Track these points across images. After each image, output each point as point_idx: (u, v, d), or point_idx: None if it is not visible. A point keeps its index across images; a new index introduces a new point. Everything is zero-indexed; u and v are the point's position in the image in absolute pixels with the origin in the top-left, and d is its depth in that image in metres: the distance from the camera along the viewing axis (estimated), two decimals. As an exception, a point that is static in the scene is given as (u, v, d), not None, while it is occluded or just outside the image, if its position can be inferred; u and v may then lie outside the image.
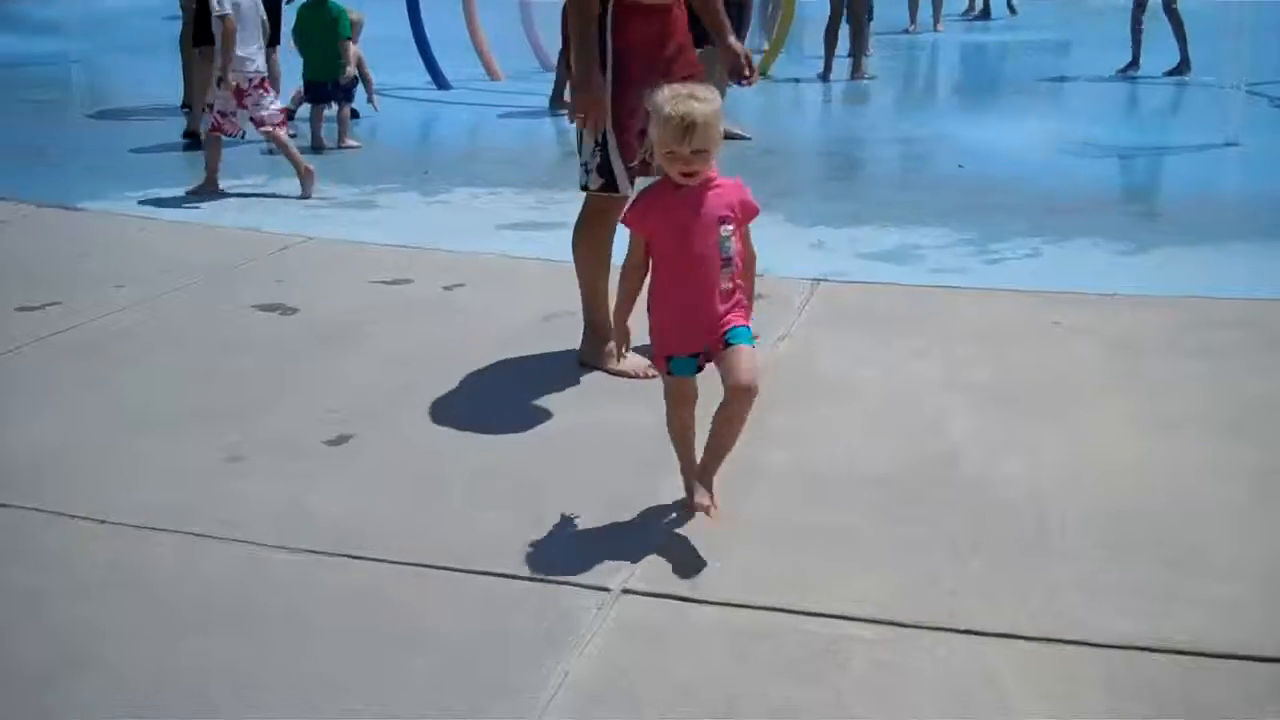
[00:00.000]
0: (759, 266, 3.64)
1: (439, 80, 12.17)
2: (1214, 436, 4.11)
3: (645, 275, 3.53)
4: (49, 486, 3.85)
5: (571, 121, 4.57)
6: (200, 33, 9.00)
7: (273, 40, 9.28)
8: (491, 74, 12.74)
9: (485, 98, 11.75)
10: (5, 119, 10.85)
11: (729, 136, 8.53)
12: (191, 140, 9.20)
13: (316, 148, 9.37)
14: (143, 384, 4.68)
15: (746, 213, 3.51)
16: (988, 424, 4.23)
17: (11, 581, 3.32)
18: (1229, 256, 6.30)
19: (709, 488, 3.59)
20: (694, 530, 3.54)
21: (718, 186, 3.46)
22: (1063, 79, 12.67)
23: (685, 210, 3.42)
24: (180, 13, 9.97)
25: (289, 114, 10.19)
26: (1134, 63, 12.84)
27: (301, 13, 9.59)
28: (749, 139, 9.01)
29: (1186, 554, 3.38)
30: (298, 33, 9.56)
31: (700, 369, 3.56)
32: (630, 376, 4.51)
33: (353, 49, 9.58)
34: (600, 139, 4.53)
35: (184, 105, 9.84)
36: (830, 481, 3.82)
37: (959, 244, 6.53)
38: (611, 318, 3.76)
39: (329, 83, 9.51)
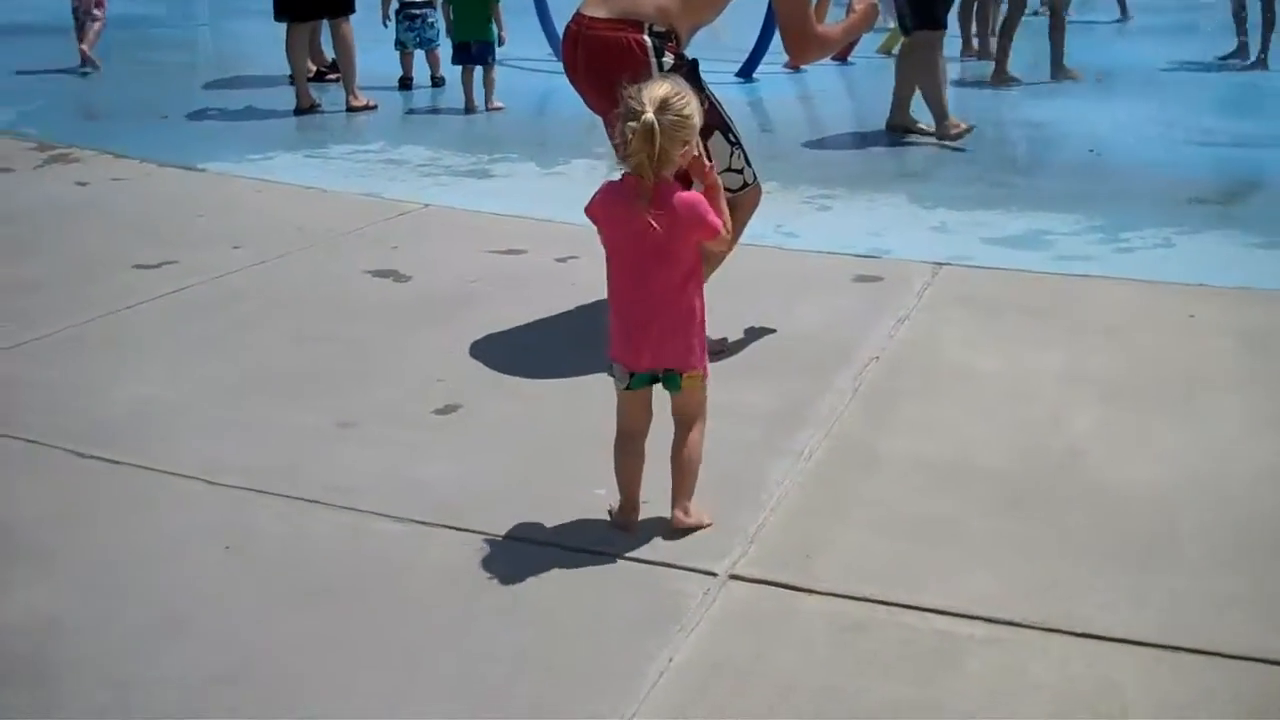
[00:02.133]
0: (877, 245, 3.51)
1: (558, 49, 12.09)
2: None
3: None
4: (157, 445, 3.86)
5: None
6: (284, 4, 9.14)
7: (344, 8, 9.34)
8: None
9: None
10: (125, 80, 11.02)
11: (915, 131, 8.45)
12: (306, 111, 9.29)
13: (469, 109, 9.46)
14: (255, 346, 4.69)
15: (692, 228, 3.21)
16: (1114, 419, 4.07)
17: (119, 539, 3.33)
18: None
19: (685, 510, 3.35)
20: (804, 515, 3.45)
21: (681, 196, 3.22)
22: (1184, 66, 12.26)
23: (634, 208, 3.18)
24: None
25: (436, 80, 10.32)
26: (1241, 50, 12.38)
27: None
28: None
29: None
30: None
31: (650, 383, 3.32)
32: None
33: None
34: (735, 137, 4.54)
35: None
36: (948, 473, 3.70)
37: (1088, 231, 6.32)
38: None
39: (474, 44, 9.52)
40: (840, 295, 5.22)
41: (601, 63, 4.51)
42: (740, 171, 4.55)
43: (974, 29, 12.36)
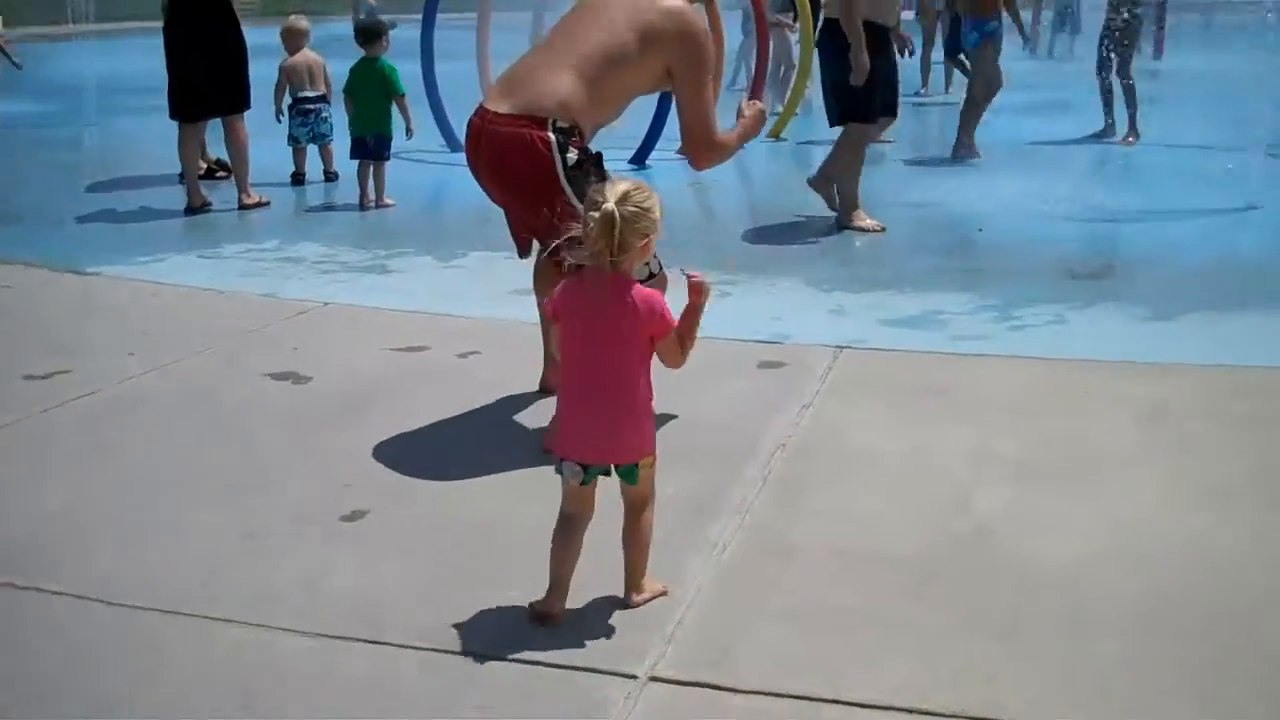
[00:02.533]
0: (779, 330, 3.57)
1: (452, 142, 12.13)
2: (1260, 509, 4.01)
3: None
4: (62, 565, 3.73)
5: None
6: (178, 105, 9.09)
7: (238, 105, 9.29)
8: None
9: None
10: (11, 182, 10.82)
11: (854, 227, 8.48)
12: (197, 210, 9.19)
13: (364, 205, 9.41)
14: (156, 456, 4.58)
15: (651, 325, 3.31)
16: (1021, 498, 4.13)
17: (19, 668, 3.21)
18: (1256, 323, 6.19)
19: (639, 588, 3.45)
20: (722, 609, 3.44)
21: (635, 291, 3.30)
22: (1068, 142, 12.60)
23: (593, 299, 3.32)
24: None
25: (330, 176, 10.26)
26: (1108, 128, 12.79)
27: (354, 68, 9.59)
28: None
29: (1239, 635, 3.27)
30: (348, 89, 9.55)
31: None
32: None
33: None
34: None
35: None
36: (862, 559, 3.71)
37: (981, 310, 6.44)
38: None
39: (372, 138, 9.48)
40: (745, 381, 5.25)
41: (503, 158, 4.53)
42: (646, 262, 4.55)
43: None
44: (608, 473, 3.34)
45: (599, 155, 4.57)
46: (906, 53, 10.40)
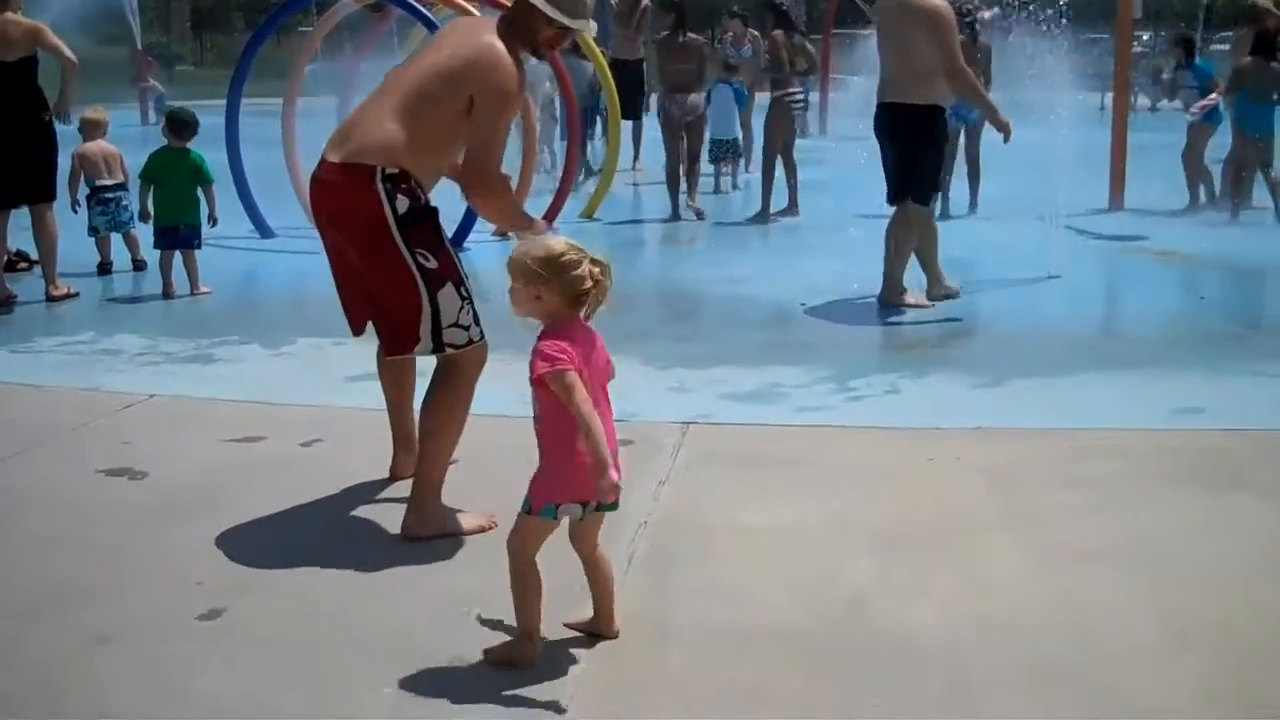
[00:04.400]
0: (623, 409, 3.69)
1: (262, 228, 11.90)
2: (1113, 571, 4.12)
3: None
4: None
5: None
6: None
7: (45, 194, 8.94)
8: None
9: (309, 245, 11.45)
10: None
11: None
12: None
13: (167, 294, 9.10)
14: (-13, 559, 4.33)
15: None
16: (886, 567, 4.17)
17: None
18: (1081, 386, 6.41)
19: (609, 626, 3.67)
20: (609, 698, 3.37)
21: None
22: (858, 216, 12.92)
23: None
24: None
25: (138, 264, 9.91)
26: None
27: (157, 156, 9.29)
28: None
29: (1106, 696, 3.35)
30: (148, 176, 9.25)
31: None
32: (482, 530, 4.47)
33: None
34: (467, 291, 4.54)
35: None
36: (741, 636, 3.69)
37: (819, 382, 6.53)
38: None
39: (184, 227, 9.21)
40: (597, 461, 5.19)
41: (336, 206, 4.51)
42: (467, 329, 4.52)
43: None
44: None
45: (434, 210, 4.54)
46: None
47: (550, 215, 10.47)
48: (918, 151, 8.17)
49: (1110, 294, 9.89)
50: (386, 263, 4.46)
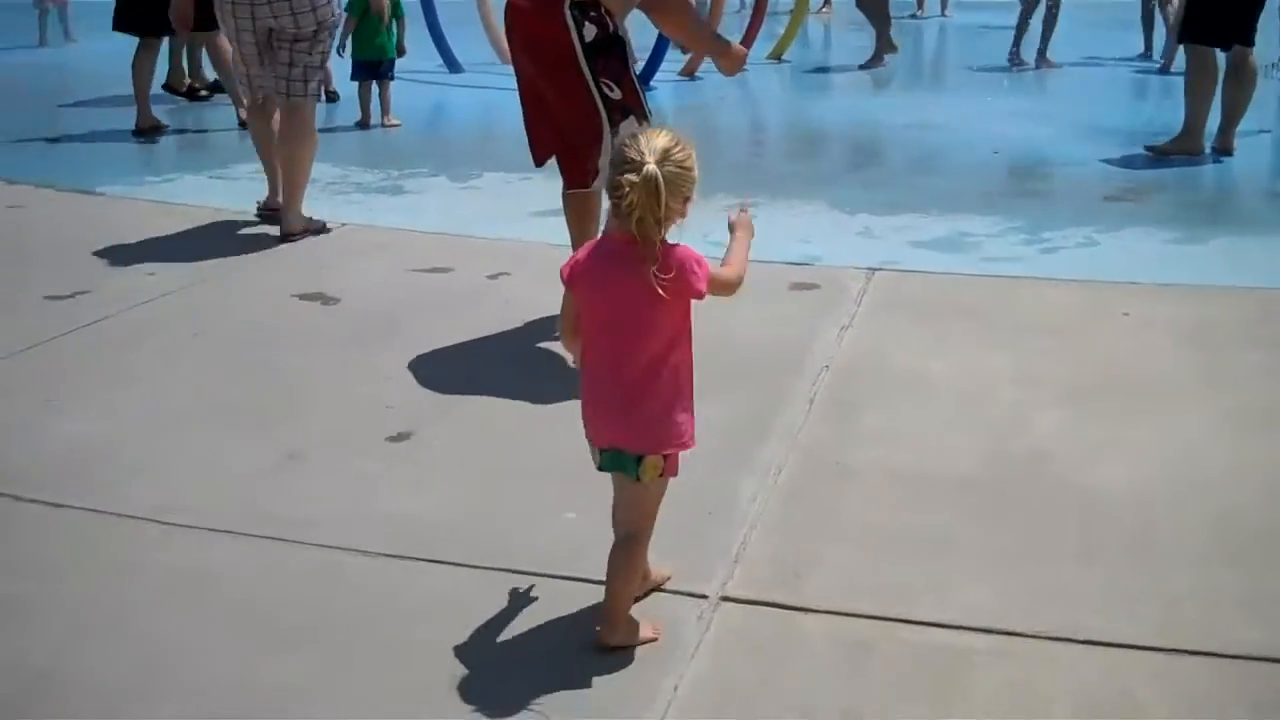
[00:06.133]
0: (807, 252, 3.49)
1: (451, 63, 11.97)
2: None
3: None
4: (100, 486, 3.66)
5: None
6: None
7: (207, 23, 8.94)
8: (503, 57, 12.52)
9: (498, 80, 11.51)
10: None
11: None
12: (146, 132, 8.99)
13: (364, 125, 9.41)
14: (186, 377, 4.50)
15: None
16: (1073, 421, 4.07)
17: (80, 587, 3.15)
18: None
19: (611, 630, 2.89)
20: (784, 532, 3.39)
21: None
22: (1075, 64, 12.48)
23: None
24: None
25: (331, 96, 10.11)
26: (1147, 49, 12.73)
27: None
28: None
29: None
30: (352, 9, 9.36)
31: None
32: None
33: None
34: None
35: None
36: (921, 483, 3.66)
37: (1010, 232, 6.36)
38: None
39: (384, 61, 9.51)
40: (780, 304, 5.17)
41: (529, 32, 4.60)
42: None
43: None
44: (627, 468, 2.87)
45: (622, 40, 4.53)
46: None
47: (747, 41, 10.30)
48: None
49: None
50: (571, 90, 4.47)
